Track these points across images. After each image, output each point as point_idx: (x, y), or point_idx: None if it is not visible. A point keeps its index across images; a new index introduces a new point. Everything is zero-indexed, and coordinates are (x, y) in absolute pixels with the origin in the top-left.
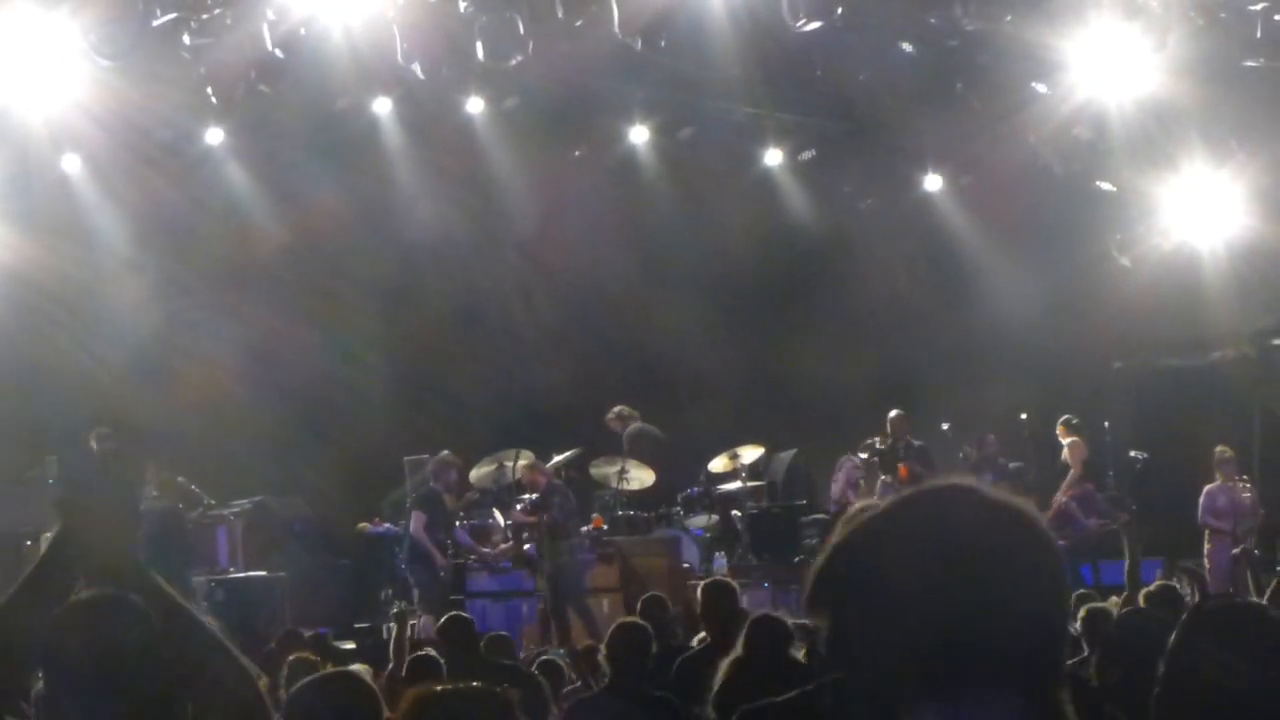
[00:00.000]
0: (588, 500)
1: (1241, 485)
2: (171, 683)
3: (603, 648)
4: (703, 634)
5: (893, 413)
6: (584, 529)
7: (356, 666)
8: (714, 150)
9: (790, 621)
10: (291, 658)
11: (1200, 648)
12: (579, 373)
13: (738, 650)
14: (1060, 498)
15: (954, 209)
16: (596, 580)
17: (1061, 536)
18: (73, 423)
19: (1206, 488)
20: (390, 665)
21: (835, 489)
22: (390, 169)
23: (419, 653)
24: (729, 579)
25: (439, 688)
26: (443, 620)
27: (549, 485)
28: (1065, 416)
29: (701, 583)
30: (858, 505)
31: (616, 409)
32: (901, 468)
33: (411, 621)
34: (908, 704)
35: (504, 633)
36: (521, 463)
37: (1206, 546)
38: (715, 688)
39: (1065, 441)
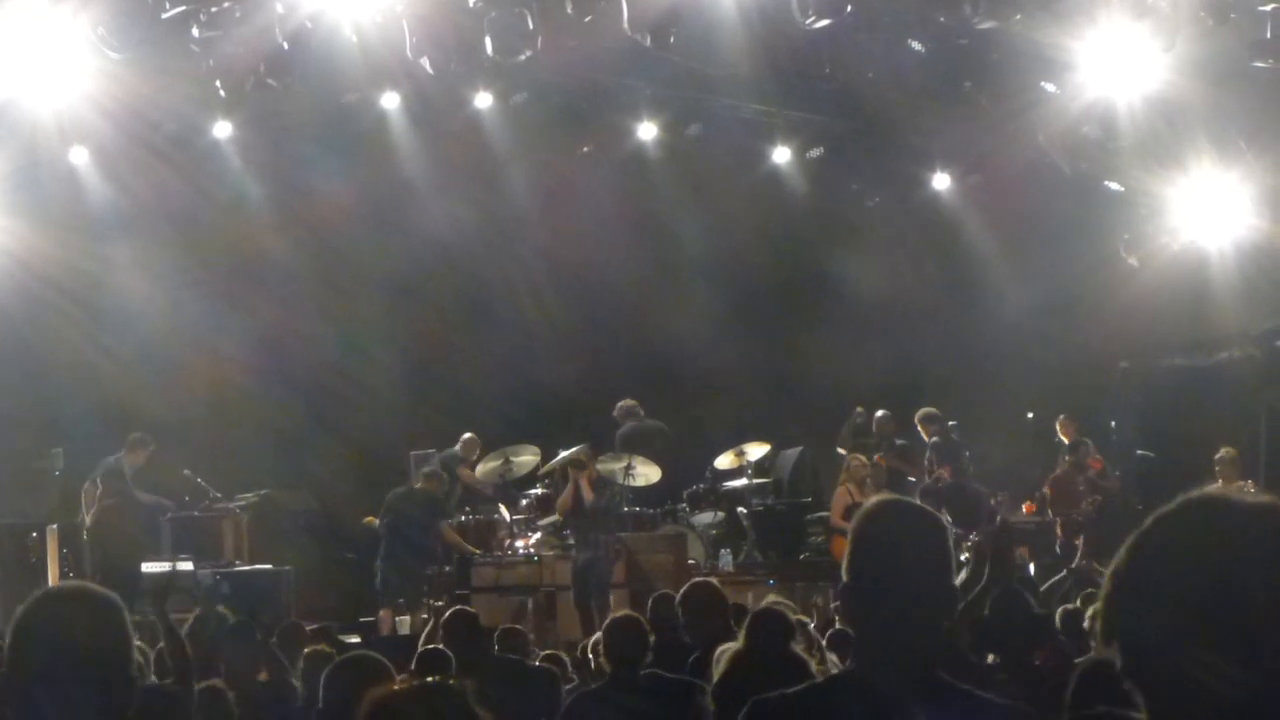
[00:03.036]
0: None
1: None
2: (131, 672)
3: (600, 643)
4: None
5: (879, 413)
6: None
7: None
8: (722, 147)
9: (792, 616)
10: (308, 650)
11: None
12: (587, 368)
13: (739, 643)
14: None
15: (962, 207)
16: None
17: (1073, 534)
18: (79, 414)
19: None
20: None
21: None
22: (398, 163)
23: (428, 648)
24: (711, 579)
25: (394, 687)
26: (447, 615)
27: (606, 480)
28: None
29: (684, 586)
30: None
31: (621, 404)
32: (879, 458)
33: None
34: None
35: (517, 626)
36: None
37: None
38: (715, 679)
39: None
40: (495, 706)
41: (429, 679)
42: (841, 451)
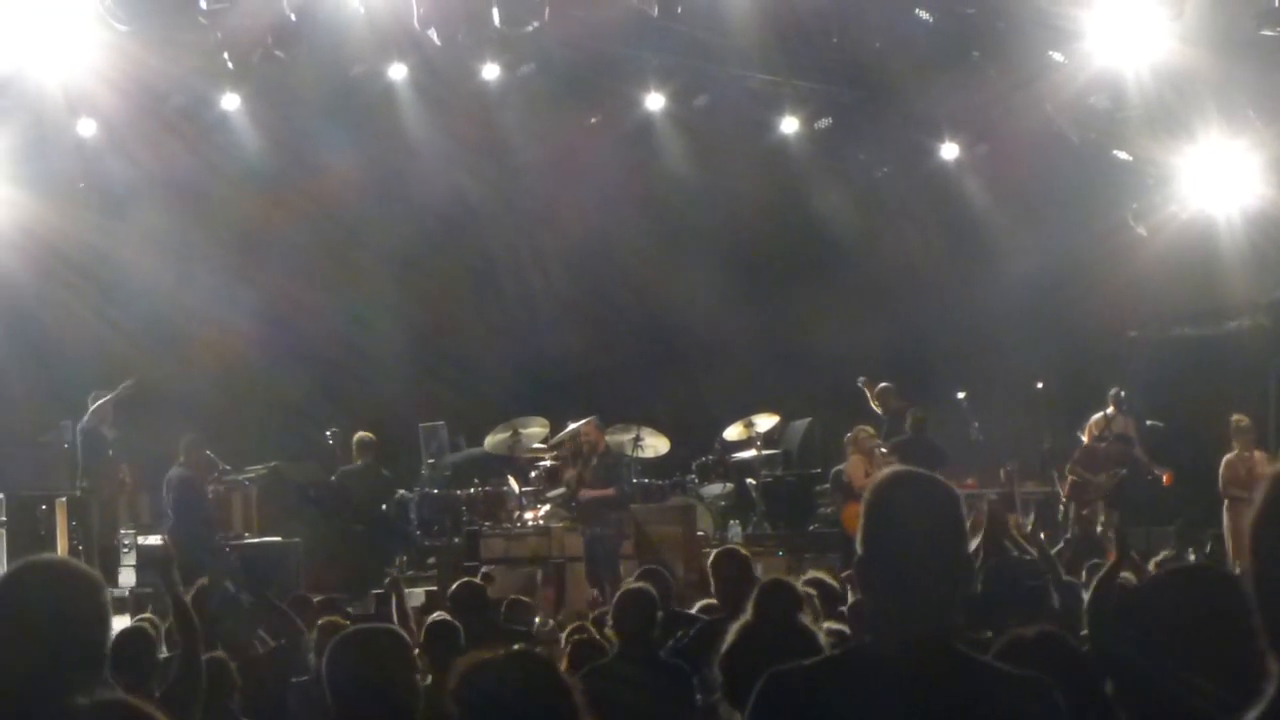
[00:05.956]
0: None
1: (1261, 457)
2: (105, 647)
3: (610, 615)
4: (702, 602)
5: (880, 385)
6: None
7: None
8: (729, 118)
9: (801, 589)
10: (322, 621)
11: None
12: (593, 340)
13: (747, 615)
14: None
15: (970, 177)
16: None
17: (1082, 503)
18: (88, 387)
19: (1226, 458)
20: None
21: None
22: (406, 135)
23: (436, 618)
24: (740, 547)
25: (488, 655)
26: (454, 586)
27: (618, 455)
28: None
29: (713, 552)
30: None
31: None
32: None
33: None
34: None
35: (524, 597)
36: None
37: (1226, 517)
38: (723, 651)
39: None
40: None
41: (516, 648)
42: (877, 408)
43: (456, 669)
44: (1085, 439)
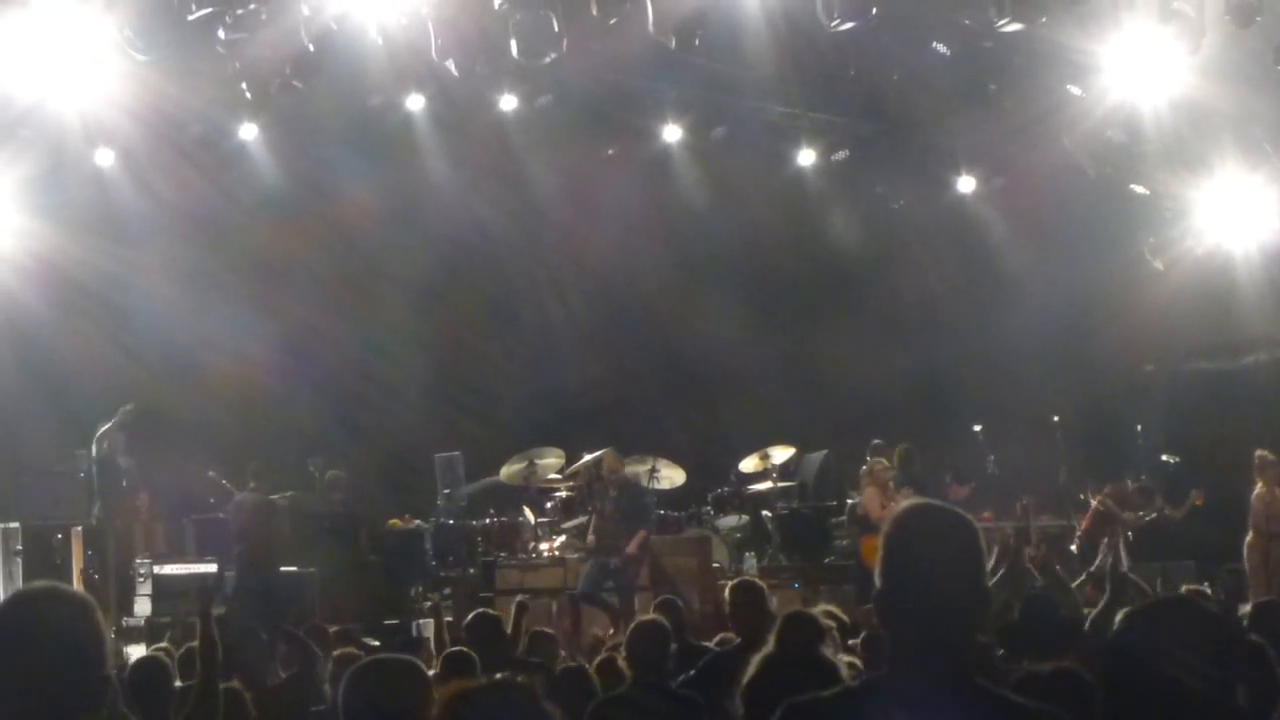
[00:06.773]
0: None
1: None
2: (103, 670)
3: (623, 647)
4: (720, 635)
5: (874, 442)
6: None
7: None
8: (747, 150)
9: (821, 621)
10: (338, 653)
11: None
12: (611, 371)
13: (769, 646)
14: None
15: (987, 210)
16: None
17: (1104, 533)
18: (104, 417)
19: (1256, 491)
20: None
21: None
22: (424, 165)
23: (452, 650)
24: (756, 579)
25: (470, 684)
26: (470, 618)
27: (641, 487)
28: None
29: (730, 583)
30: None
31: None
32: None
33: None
34: None
35: (547, 630)
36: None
37: (1245, 553)
38: (745, 682)
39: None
40: None
41: (499, 676)
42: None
43: (439, 698)
44: (1094, 502)
